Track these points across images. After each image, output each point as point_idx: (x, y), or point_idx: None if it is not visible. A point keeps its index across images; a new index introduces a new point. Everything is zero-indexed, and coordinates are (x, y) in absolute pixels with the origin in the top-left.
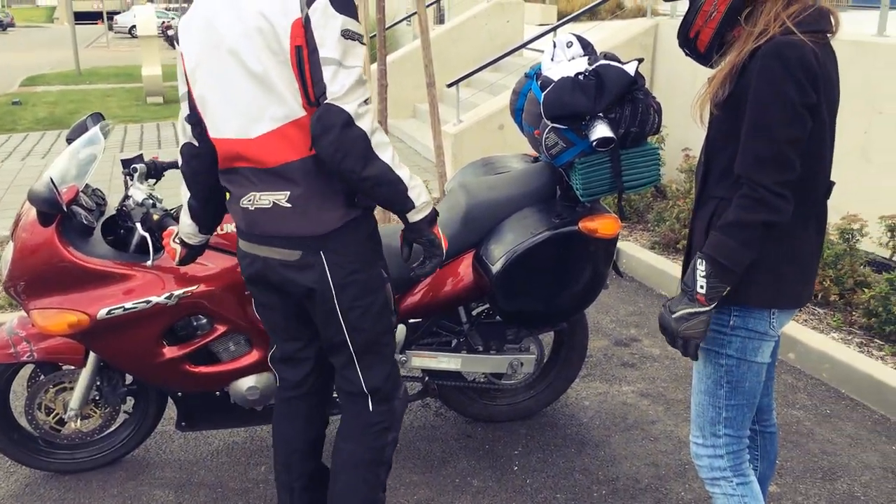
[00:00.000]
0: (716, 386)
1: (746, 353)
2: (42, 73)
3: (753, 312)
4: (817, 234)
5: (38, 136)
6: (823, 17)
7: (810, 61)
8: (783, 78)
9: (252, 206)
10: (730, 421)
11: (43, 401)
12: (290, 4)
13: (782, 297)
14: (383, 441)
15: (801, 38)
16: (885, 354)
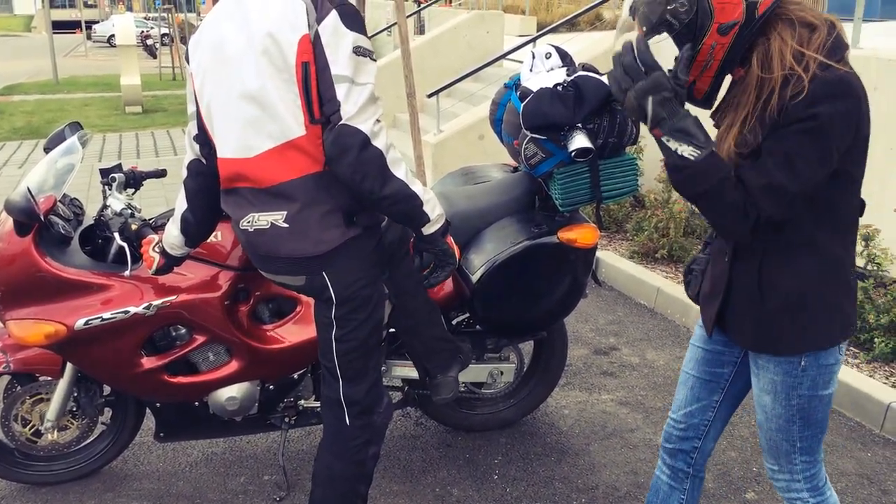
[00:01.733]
0: (788, 424)
1: (818, 389)
2: (19, 82)
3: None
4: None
5: (16, 146)
6: (842, 35)
7: (862, 97)
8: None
9: (251, 227)
10: (805, 449)
11: (19, 412)
12: (298, 20)
13: (846, 327)
14: (363, 455)
15: (851, 73)
16: (861, 362)
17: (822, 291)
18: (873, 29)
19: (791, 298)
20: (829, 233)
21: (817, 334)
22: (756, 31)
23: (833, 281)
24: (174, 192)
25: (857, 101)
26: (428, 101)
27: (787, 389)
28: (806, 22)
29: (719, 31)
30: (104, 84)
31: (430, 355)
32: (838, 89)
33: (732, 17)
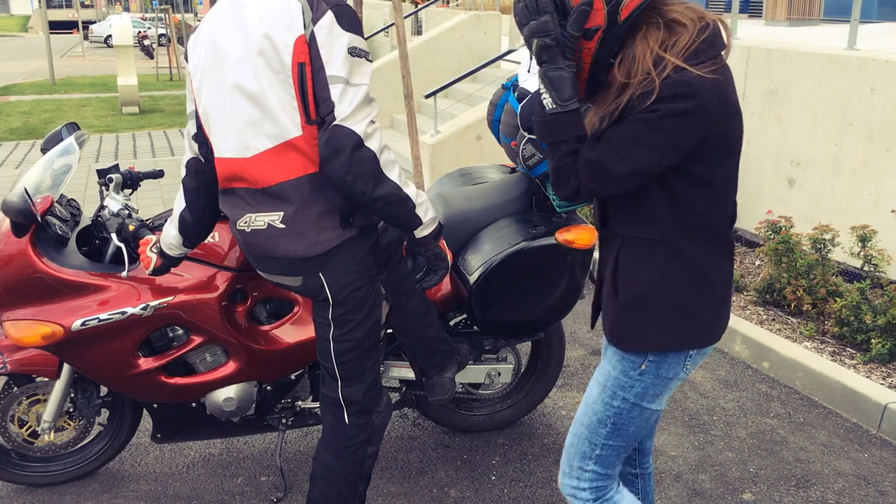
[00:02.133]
0: (599, 424)
1: (644, 399)
2: (16, 82)
3: (669, 356)
4: (728, 264)
5: (12, 146)
6: (718, 37)
7: (710, 102)
8: (668, 114)
9: (248, 227)
10: (601, 459)
11: (16, 413)
12: (294, 21)
13: (699, 337)
14: (362, 454)
15: (699, 76)
16: (857, 363)
17: (672, 292)
18: (870, 31)
19: (638, 294)
20: (686, 236)
21: (661, 335)
22: (622, 35)
23: (688, 285)
24: (171, 193)
25: (700, 102)
26: (425, 102)
27: (616, 388)
28: (675, 23)
29: (585, 35)
30: (101, 84)
31: (426, 356)
32: (680, 90)
33: (595, 22)
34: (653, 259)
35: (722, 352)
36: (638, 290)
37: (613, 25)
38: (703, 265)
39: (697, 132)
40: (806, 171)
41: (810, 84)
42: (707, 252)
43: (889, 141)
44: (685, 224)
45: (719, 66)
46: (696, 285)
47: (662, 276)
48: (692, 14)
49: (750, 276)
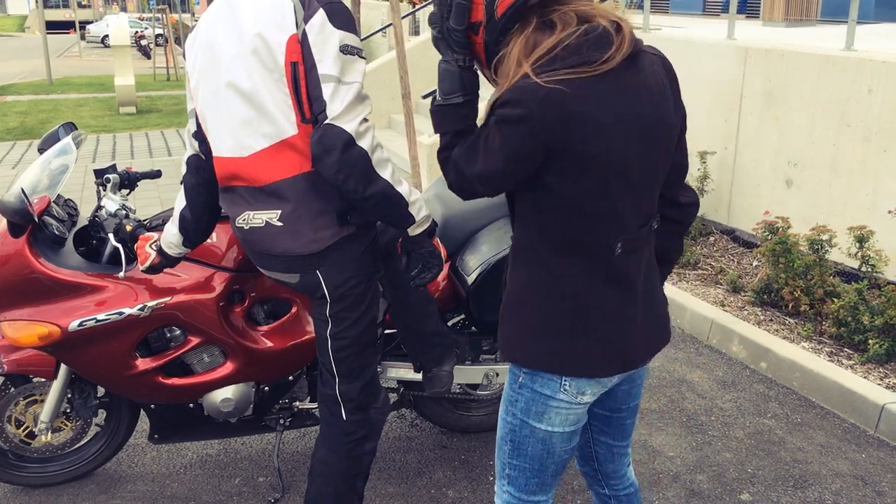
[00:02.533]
0: (502, 441)
1: (530, 416)
2: (12, 82)
3: (542, 374)
4: (618, 294)
5: (9, 146)
6: (591, 45)
7: (540, 112)
8: (501, 122)
9: (247, 225)
10: (512, 480)
11: (13, 413)
12: (286, 20)
13: (569, 364)
14: (359, 451)
15: (535, 84)
16: (855, 363)
17: (539, 309)
18: (868, 31)
19: (511, 300)
20: (554, 254)
21: (524, 349)
22: (501, 31)
23: (556, 305)
24: (168, 193)
25: (527, 112)
26: (423, 102)
27: (507, 402)
28: (548, 25)
29: (472, 29)
30: (98, 84)
31: (425, 349)
32: (512, 96)
33: (477, 16)
34: (523, 270)
35: (720, 352)
36: (511, 297)
37: (492, 21)
38: (573, 289)
39: (530, 142)
40: (804, 172)
41: (808, 85)
42: (578, 276)
43: (887, 141)
44: (550, 240)
45: (583, 76)
46: (564, 307)
47: (531, 289)
48: (575, 16)
49: (747, 277)
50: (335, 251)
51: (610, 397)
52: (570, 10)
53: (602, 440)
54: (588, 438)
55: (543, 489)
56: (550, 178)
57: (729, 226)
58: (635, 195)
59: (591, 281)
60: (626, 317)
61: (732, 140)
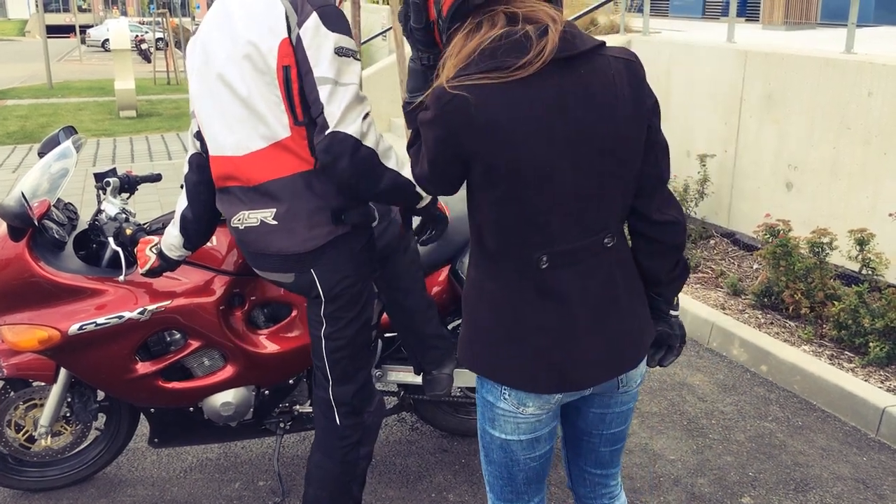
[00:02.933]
0: (479, 450)
1: (485, 422)
2: (13, 86)
3: (486, 380)
4: (554, 310)
5: (9, 150)
6: (507, 49)
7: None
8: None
9: (242, 224)
10: (491, 487)
11: (13, 418)
12: (277, 24)
13: (503, 373)
14: (354, 456)
15: (443, 89)
16: (855, 367)
17: (477, 314)
18: (867, 34)
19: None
20: (486, 260)
21: (467, 349)
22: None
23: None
24: (168, 197)
25: (435, 115)
26: None
27: (477, 408)
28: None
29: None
30: (98, 88)
31: (425, 351)
32: (428, 101)
33: (431, 15)
34: (469, 273)
35: (720, 355)
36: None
37: (440, 20)
38: (504, 300)
39: (442, 147)
40: (804, 175)
41: (808, 88)
42: (508, 287)
43: (886, 144)
44: (483, 247)
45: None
46: (496, 317)
47: (471, 294)
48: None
49: (748, 280)
50: (330, 250)
51: (580, 418)
52: (502, 11)
53: (575, 462)
54: (565, 455)
55: (520, 497)
56: (473, 186)
57: (729, 229)
58: (567, 206)
59: (520, 293)
60: (562, 333)
61: (732, 143)
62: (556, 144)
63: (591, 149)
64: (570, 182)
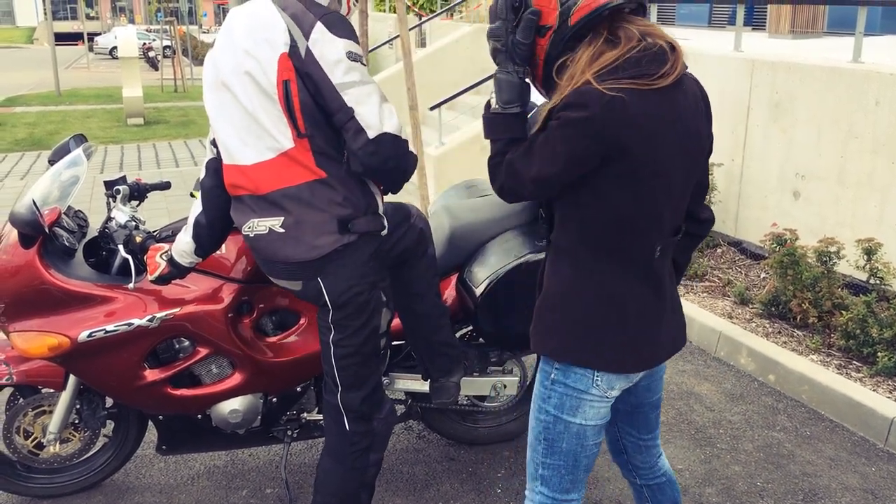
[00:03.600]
0: (536, 440)
1: (563, 411)
2: (21, 93)
3: (574, 368)
4: (650, 296)
5: (17, 157)
6: (650, 59)
7: (602, 116)
8: (562, 124)
9: (252, 232)
10: (545, 480)
11: (21, 424)
12: (277, 39)
13: (602, 360)
14: (364, 462)
15: (598, 91)
16: (864, 376)
17: (574, 306)
18: (874, 43)
19: (548, 298)
20: (593, 253)
21: (558, 341)
22: (570, 38)
23: (590, 303)
24: (176, 205)
25: (590, 115)
26: (430, 114)
27: (539, 400)
28: (615, 38)
29: (539, 32)
30: (106, 96)
31: (434, 358)
32: (577, 100)
33: (549, 21)
34: (562, 268)
35: (728, 364)
36: (547, 295)
37: (563, 27)
38: (610, 288)
39: (591, 144)
40: (811, 184)
41: (815, 97)
42: (617, 277)
43: (894, 153)
44: (591, 241)
45: (640, 88)
46: (599, 305)
47: (567, 288)
48: (638, 33)
49: (755, 289)
50: (336, 259)
51: (631, 393)
52: (634, 28)
53: (629, 433)
54: (616, 432)
55: (576, 486)
56: (602, 182)
57: (736, 237)
58: (673, 204)
59: (628, 282)
60: (657, 317)
61: (739, 152)
62: (675, 148)
63: (691, 154)
64: (678, 183)
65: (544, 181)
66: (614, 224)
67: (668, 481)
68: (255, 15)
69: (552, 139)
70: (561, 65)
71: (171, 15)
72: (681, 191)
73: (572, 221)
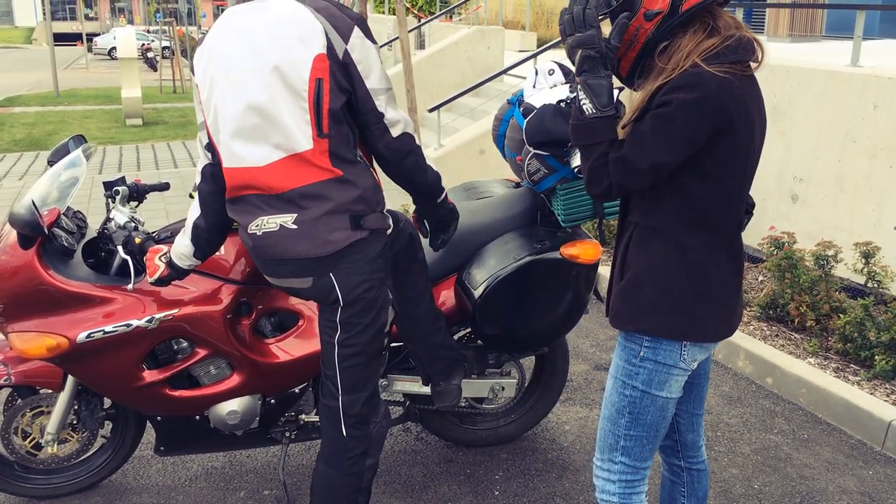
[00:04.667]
0: (618, 415)
1: (652, 386)
2: (19, 93)
3: (663, 343)
4: (732, 267)
5: (16, 157)
6: (744, 48)
7: (717, 94)
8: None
9: (259, 230)
10: (627, 450)
11: (20, 425)
12: (313, 40)
13: (693, 330)
14: (360, 467)
15: (710, 72)
16: (861, 379)
17: (666, 280)
18: (872, 47)
19: (635, 276)
20: (687, 229)
21: (650, 317)
22: (677, 25)
23: (682, 276)
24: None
25: (704, 94)
26: (429, 116)
27: (624, 377)
28: (715, 28)
29: (645, 16)
30: (105, 96)
31: (432, 362)
32: (690, 81)
33: (658, 5)
34: (652, 246)
35: (725, 367)
36: (635, 274)
37: (674, 13)
38: (701, 261)
39: (705, 124)
40: (809, 187)
41: (813, 100)
42: (707, 249)
43: (892, 158)
44: (687, 217)
45: (738, 73)
46: (690, 278)
47: (659, 264)
48: (732, 24)
49: (753, 292)
50: (348, 254)
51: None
52: (728, 19)
53: (683, 409)
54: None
55: (651, 455)
56: (705, 160)
57: None
58: (750, 183)
59: (716, 255)
60: (736, 288)
61: None
62: (758, 130)
63: (761, 139)
64: (753, 163)
65: (661, 166)
66: (712, 199)
67: (706, 471)
68: (283, 13)
69: (667, 123)
70: (661, 49)
71: (170, 16)
72: (753, 172)
73: (668, 200)
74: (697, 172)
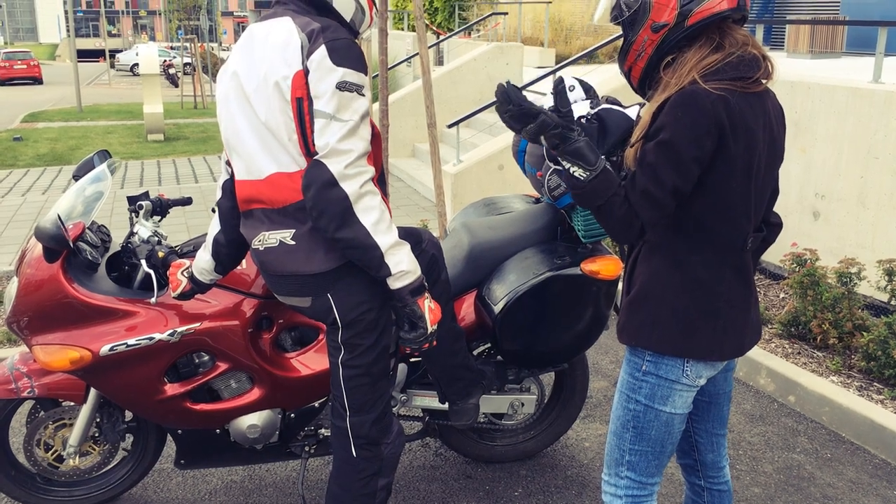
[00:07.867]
0: (623, 429)
1: (655, 401)
2: (43, 109)
3: (665, 359)
4: (740, 285)
5: (39, 172)
6: (746, 64)
7: (712, 111)
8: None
9: (262, 245)
10: (632, 465)
11: (42, 437)
12: (292, 57)
13: (695, 348)
14: (372, 488)
15: (705, 89)
16: (885, 398)
17: (667, 297)
18: (894, 64)
19: (639, 291)
20: (687, 245)
21: (652, 333)
22: (683, 38)
23: (684, 294)
24: (196, 220)
25: (701, 113)
26: (448, 132)
27: (628, 390)
28: (718, 44)
29: (652, 27)
30: (127, 112)
31: (450, 382)
32: (684, 101)
33: (664, 18)
34: (655, 262)
35: (747, 385)
36: (639, 290)
37: (679, 27)
38: (704, 278)
39: (707, 141)
40: (831, 204)
41: (834, 117)
42: (711, 267)
43: None
44: (688, 234)
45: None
46: (693, 295)
47: (659, 280)
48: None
49: (774, 309)
50: (347, 275)
51: (711, 383)
52: (738, 36)
53: (702, 429)
54: (689, 429)
55: (659, 471)
56: (705, 176)
57: None
58: (759, 201)
59: (721, 272)
60: (745, 307)
61: None
62: (763, 149)
63: (772, 158)
64: (762, 182)
65: (678, 191)
66: (713, 216)
67: (729, 492)
68: (274, 32)
69: (671, 149)
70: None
71: (191, 32)
72: (762, 190)
73: (682, 217)
74: (698, 188)
